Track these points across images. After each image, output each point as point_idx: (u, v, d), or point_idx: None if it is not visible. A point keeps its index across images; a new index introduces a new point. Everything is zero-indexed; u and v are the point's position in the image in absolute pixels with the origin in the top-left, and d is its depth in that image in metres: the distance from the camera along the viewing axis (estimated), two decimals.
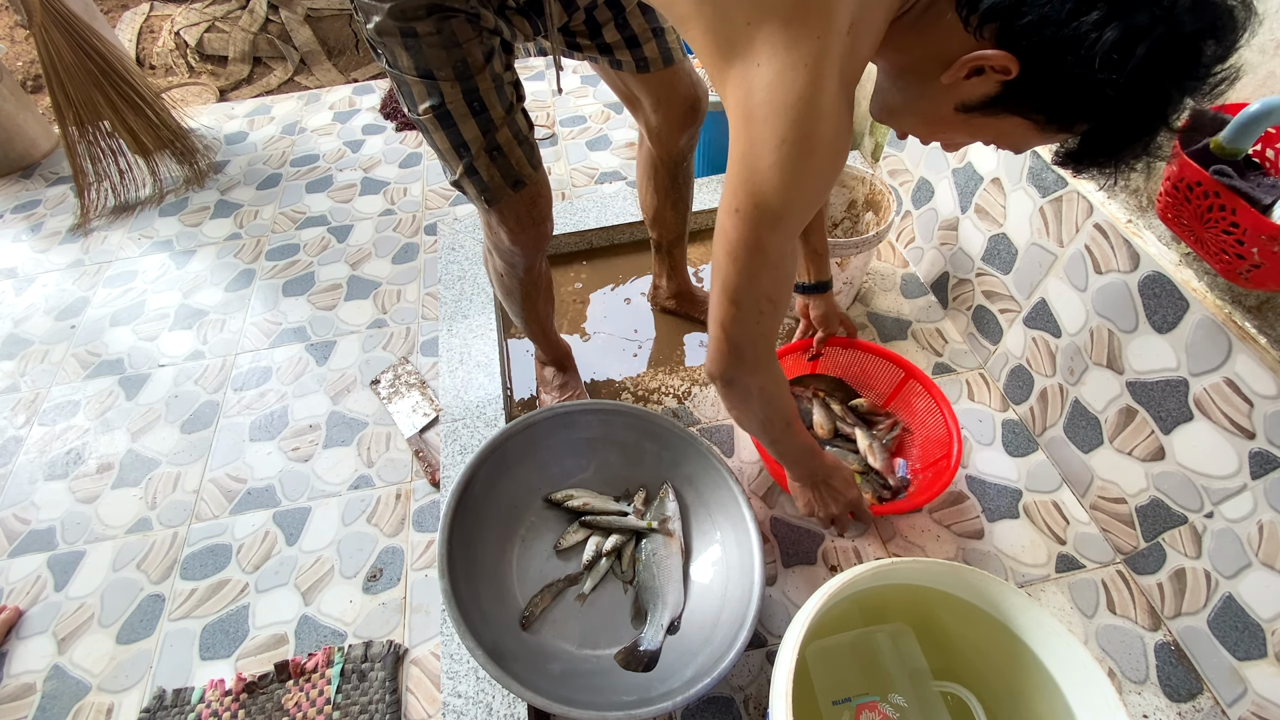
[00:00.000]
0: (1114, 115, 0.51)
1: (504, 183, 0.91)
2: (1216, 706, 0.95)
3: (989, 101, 0.55)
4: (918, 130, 0.65)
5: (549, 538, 1.13)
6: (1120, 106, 0.49)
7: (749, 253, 0.62)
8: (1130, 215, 1.01)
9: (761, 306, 0.67)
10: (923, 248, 1.56)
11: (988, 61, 0.51)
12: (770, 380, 0.77)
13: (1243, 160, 0.73)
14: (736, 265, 0.64)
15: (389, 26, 0.77)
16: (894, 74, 0.63)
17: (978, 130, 0.59)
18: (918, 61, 0.58)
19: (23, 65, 2.77)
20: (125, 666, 1.09)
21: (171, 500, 1.29)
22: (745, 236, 0.61)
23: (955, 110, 0.58)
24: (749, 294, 0.66)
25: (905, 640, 0.90)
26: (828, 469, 0.96)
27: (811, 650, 0.89)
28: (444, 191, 1.98)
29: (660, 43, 0.98)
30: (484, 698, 0.98)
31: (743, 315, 0.68)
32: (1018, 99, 0.53)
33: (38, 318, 1.69)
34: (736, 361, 0.72)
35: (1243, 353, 0.85)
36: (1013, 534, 1.15)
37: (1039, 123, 0.54)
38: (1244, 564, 0.89)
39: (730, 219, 0.62)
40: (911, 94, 0.61)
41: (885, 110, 0.66)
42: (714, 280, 0.68)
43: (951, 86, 0.56)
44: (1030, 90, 0.52)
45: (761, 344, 0.72)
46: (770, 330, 0.71)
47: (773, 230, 0.61)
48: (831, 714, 0.84)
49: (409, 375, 1.47)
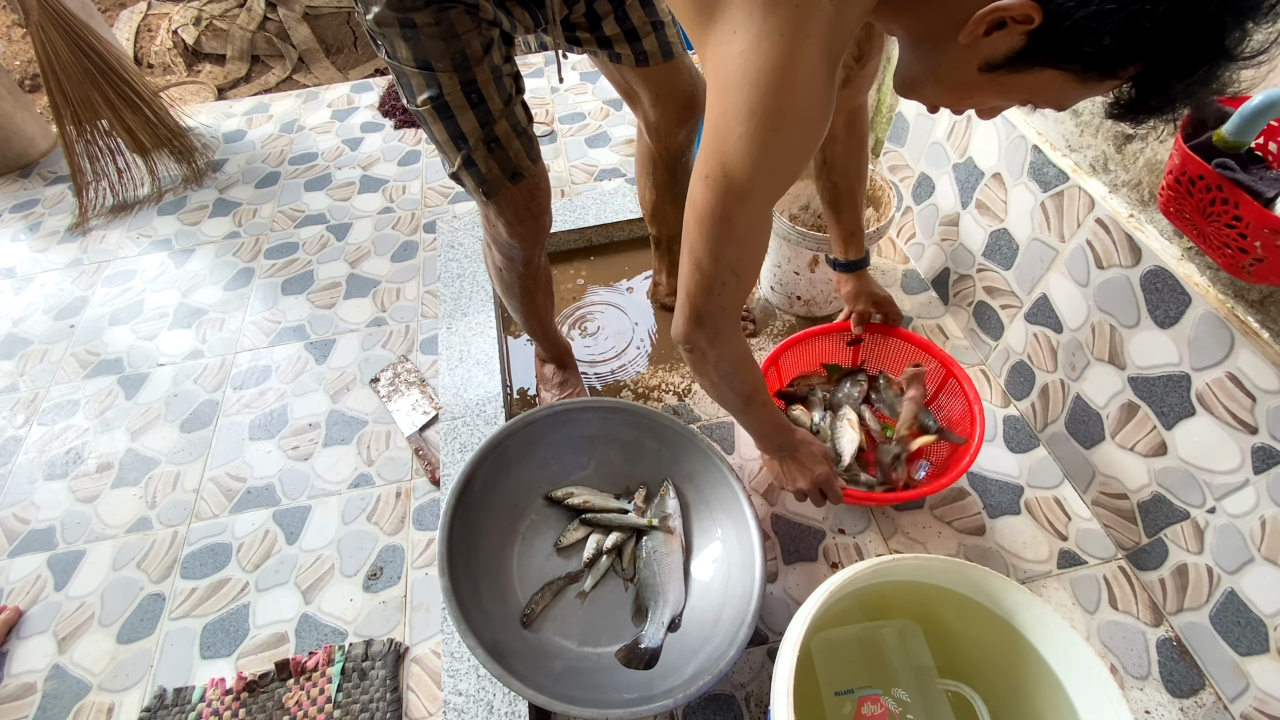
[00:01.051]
0: (1162, 49, 0.45)
1: (502, 175, 0.90)
2: (1219, 702, 0.95)
3: (1015, 57, 0.50)
4: (944, 99, 0.60)
5: (549, 535, 1.12)
6: (1166, 37, 0.44)
7: (715, 222, 0.61)
8: (1132, 210, 1.01)
9: (724, 278, 0.66)
10: (923, 243, 1.56)
11: (1007, 12, 0.47)
12: (730, 352, 0.76)
13: (1246, 154, 0.72)
14: (703, 233, 0.63)
15: (388, 17, 0.76)
16: (911, 42, 0.59)
17: (1008, 90, 0.54)
18: (933, 25, 0.54)
19: (20, 64, 2.76)
20: (126, 666, 1.08)
21: (171, 499, 1.29)
22: (713, 205, 0.60)
23: (980, 71, 0.53)
24: (714, 264, 0.65)
25: (913, 637, 0.89)
26: (795, 444, 0.96)
27: (816, 641, 0.89)
28: (443, 189, 1.98)
29: (659, 36, 0.98)
30: (485, 696, 0.98)
31: (706, 283, 0.66)
32: (1047, 49, 0.48)
33: (36, 317, 1.69)
34: (697, 328, 0.71)
35: (1245, 347, 0.85)
36: (1014, 530, 1.15)
37: (1075, 73, 0.49)
38: (1246, 559, 0.89)
39: (700, 185, 0.60)
40: (931, 60, 0.57)
41: (908, 83, 0.61)
42: (683, 245, 0.67)
43: (971, 46, 0.51)
44: (1059, 37, 0.47)
45: (722, 315, 0.70)
46: (733, 303, 0.69)
47: (740, 203, 0.59)
48: (833, 704, 0.84)
49: (409, 373, 1.47)
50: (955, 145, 1.40)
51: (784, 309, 1.53)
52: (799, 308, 1.50)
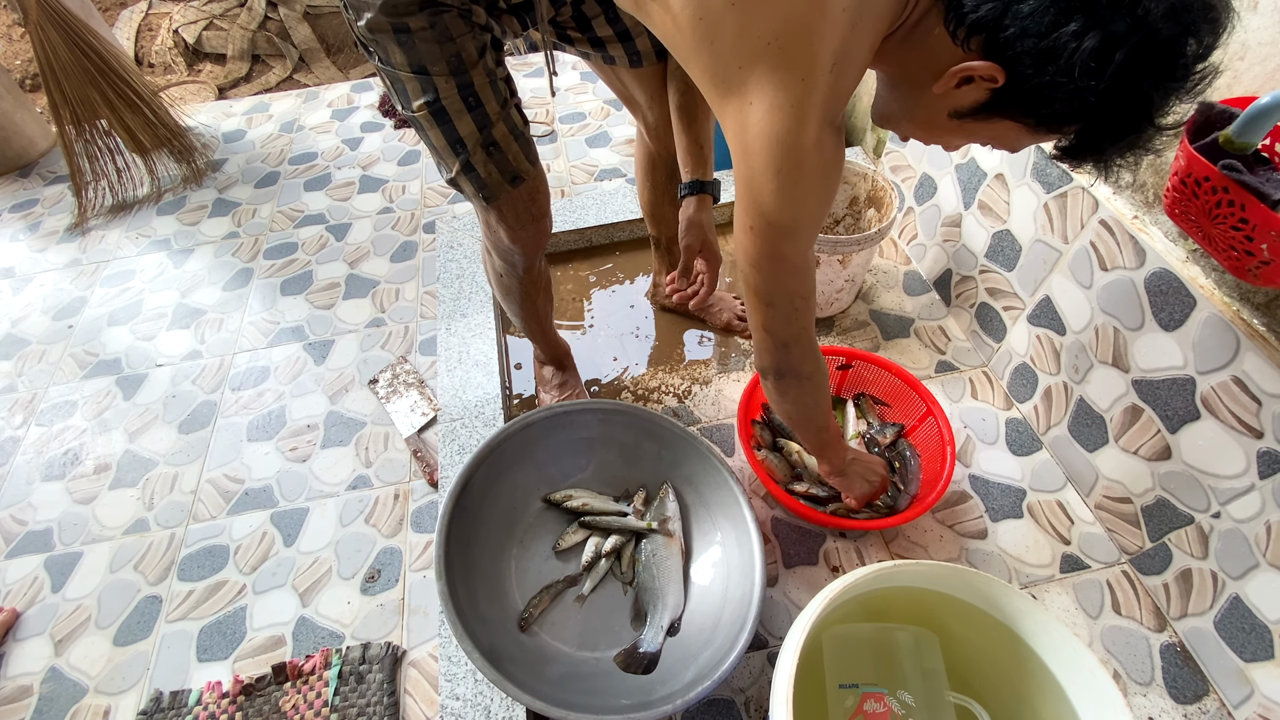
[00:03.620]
0: (1100, 117, 0.54)
1: (502, 179, 0.90)
2: (1223, 709, 0.94)
3: (980, 107, 0.58)
4: (916, 134, 0.68)
5: (548, 538, 1.12)
6: (1104, 109, 0.52)
7: (771, 262, 0.68)
8: (1136, 211, 1.00)
9: (795, 304, 0.73)
10: (925, 244, 1.55)
11: (975, 71, 0.55)
12: (818, 368, 0.82)
13: (1252, 155, 0.71)
14: (762, 274, 0.70)
15: (381, 23, 0.75)
16: (890, 84, 0.67)
17: (972, 133, 0.63)
18: (911, 73, 0.62)
19: (20, 64, 2.76)
20: (122, 668, 1.08)
21: (169, 501, 1.29)
22: (764, 249, 0.67)
23: (949, 117, 0.61)
24: (780, 296, 0.72)
25: (928, 645, 0.88)
26: (854, 459, 1.05)
27: (829, 634, 0.88)
28: (442, 189, 1.97)
29: (653, 36, 0.97)
30: (482, 700, 0.98)
31: (779, 314, 0.73)
32: (1007, 104, 0.57)
33: (35, 317, 1.69)
34: (785, 355, 0.78)
35: (1251, 351, 0.84)
36: (1016, 534, 1.14)
37: (1029, 125, 0.58)
38: (1251, 565, 0.88)
39: (747, 236, 0.67)
40: (907, 103, 0.65)
41: (884, 116, 0.70)
42: (745, 289, 0.74)
43: (944, 95, 0.59)
44: (1017, 96, 0.55)
45: (804, 336, 0.77)
46: (808, 323, 0.76)
47: (788, 240, 0.66)
48: (836, 695, 0.84)
49: (407, 374, 1.46)
50: None
51: None
52: None
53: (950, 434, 1.13)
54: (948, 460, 1.09)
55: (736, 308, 1.52)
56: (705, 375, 1.42)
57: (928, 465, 1.16)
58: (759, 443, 1.22)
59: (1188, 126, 0.74)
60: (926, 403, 1.18)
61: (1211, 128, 0.73)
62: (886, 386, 1.27)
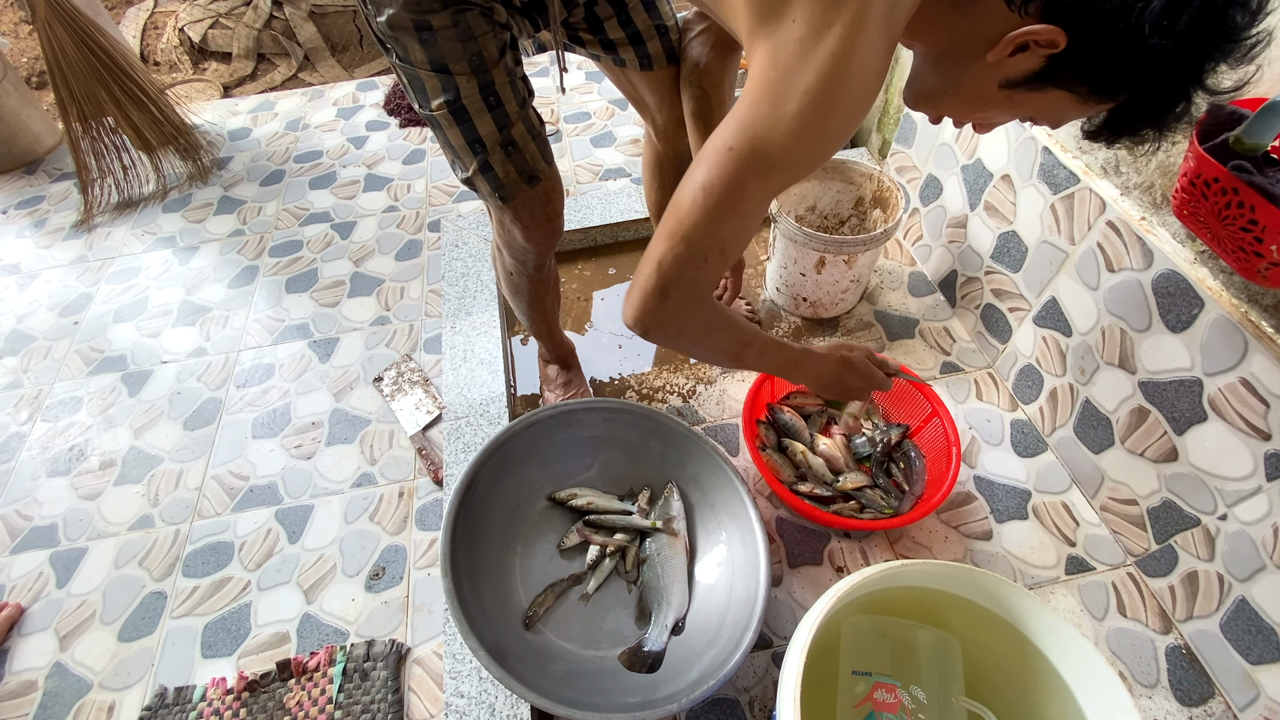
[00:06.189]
0: (1154, 83, 0.52)
1: (519, 178, 0.89)
2: (1229, 711, 0.94)
3: (1033, 76, 0.56)
4: (957, 110, 0.65)
5: (552, 537, 1.12)
6: (1161, 73, 0.51)
7: (725, 192, 0.58)
8: (1144, 212, 1.00)
9: (710, 255, 0.62)
10: (931, 245, 1.55)
11: (1035, 36, 0.52)
12: (700, 322, 0.69)
13: (1262, 156, 0.71)
14: (706, 203, 0.59)
15: (402, 19, 0.74)
16: (934, 57, 0.63)
17: (1019, 106, 0.60)
18: (960, 41, 0.58)
19: (27, 61, 2.77)
20: (127, 664, 1.08)
21: (174, 497, 1.29)
22: (729, 176, 0.58)
23: (999, 88, 0.58)
24: (705, 236, 0.61)
25: (949, 649, 0.88)
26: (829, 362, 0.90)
27: (848, 623, 0.88)
28: (447, 188, 1.97)
29: (664, 40, 0.97)
30: (487, 698, 0.98)
31: (688, 257, 0.62)
32: (1063, 72, 0.54)
33: (41, 314, 1.69)
34: (660, 302, 0.64)
35: (1259, 352, 0.84)
36: (1022, 535, 1.14)
37: (1081, 95, 0.55)
38: (1258, 567, 0.88)
39: (718, 156, 0.58)
40: (954, 74, 0.61)
41: (923, 95, 0.66)
42: (667, 216, 0.62)
43: (996, 64, 0.56)
44: (1076, 62, 0.53)
45: (695, 288, 0.65)
46: (709, 280, 0.65)
47: (759, 178, 0.58)
48: (848, 681, 0.83)
49: (412, 373, 1.46)
50: (964, 146, 1.39)
51: (790, 311, 1.52)
52: (805, 309, 1.49)
53: (955, 435, 1.12)
54: (953, 461, 1.09)
55: (742, 308, 1.52)
56: (710, 375, 1.42)
57: (933, 466, 1.16)
58: (764, 442, 1.22)
59: (1197, 128, 0.74)
60: (932, 403, 1.18)
61: (1221, 129, 0.73)
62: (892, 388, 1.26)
